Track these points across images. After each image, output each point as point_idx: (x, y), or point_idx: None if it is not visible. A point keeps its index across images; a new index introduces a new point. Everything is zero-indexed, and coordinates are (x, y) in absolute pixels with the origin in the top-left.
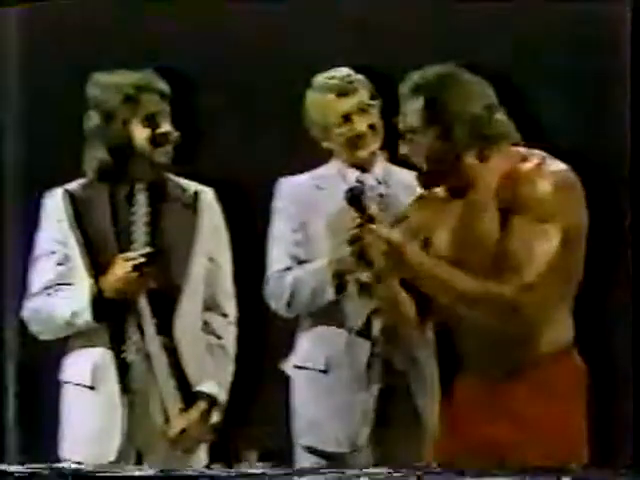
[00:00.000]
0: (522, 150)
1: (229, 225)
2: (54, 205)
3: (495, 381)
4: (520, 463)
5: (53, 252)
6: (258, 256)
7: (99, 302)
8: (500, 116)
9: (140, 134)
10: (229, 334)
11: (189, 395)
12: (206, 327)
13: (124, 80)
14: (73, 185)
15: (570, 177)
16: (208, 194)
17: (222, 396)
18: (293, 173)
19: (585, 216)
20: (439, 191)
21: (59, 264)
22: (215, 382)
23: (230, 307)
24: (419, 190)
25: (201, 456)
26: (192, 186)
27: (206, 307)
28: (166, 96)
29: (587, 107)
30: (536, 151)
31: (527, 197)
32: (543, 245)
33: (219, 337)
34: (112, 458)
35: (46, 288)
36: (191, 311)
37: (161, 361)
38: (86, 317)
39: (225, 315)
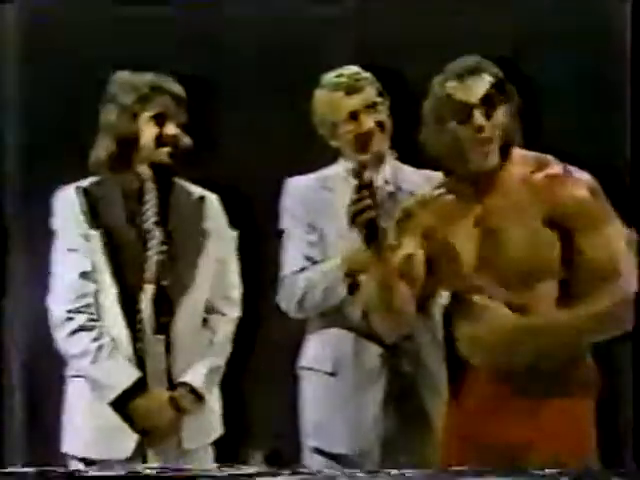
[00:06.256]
0: (529, 154)
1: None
2: (68, 202)
3: (508, 383)
4: (530, 464)
5: (76, 249)
6: (263, 257)
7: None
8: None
9: (147, 131)
10: (225, 331)
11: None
12: (205, 324)
13: (141, 79)
14: (85, 183)
15: (594, 181)
16: (213, 199)
17: (200, 385)
18: (300, 173)
19: None
20: (448, 193)
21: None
22: (198, 374)
23: (231, 307)
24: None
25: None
26: (197, 191)
27: (208, 307)
28: (179, 99)
29: (585, 106)
30: (543, 155)
31: (577, 209)
32: (618, 249)
33: (215, 333)
34: (128, 454)
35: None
36: (193, 312)
37: (156, 359)
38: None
39: (224, 314)
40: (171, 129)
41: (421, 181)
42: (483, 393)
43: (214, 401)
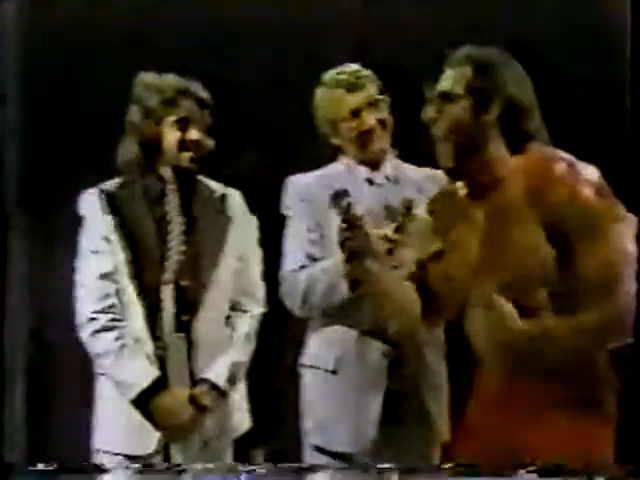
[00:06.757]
0: (542, 149)
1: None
2: (91, 204)
3: (515, 384)
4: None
5: (98, 251)
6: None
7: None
8: (538, 115)
9: (170, 136)
10: (246, 328)
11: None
12: (228, 321)
13: (166, 82)
14: (108, 185)
15: (601, 179)
16: (236, 196)
17: (220, 381)
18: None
19: None
20: (459, 189)
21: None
22: (219, 370)
23: (253, 303)
24: (435, 188)
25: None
26: (220, 188)
27: (232, 303)
28: (204, 103)
29: (585, 106)
30: (550, 150)
31: (579, 212)
32: (619, 258)
33: (236, 330)
34: (150, 450)
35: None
36: (215, 309)
37: (177, 357)
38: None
39: (246, 311)
40: (194, 134)
41: (421, 178)
42: (492, 393)
43: (239, 397)
